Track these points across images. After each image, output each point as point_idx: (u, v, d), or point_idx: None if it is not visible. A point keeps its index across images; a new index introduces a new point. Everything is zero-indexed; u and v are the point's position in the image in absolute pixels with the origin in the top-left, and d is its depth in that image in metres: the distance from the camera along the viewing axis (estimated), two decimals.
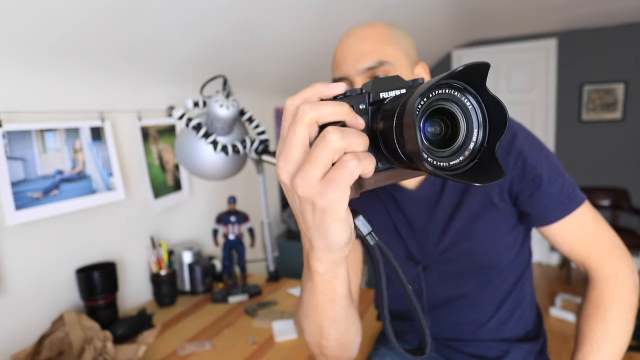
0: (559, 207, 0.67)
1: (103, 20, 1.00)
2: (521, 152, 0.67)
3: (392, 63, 0.65)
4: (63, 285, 1.11)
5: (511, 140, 0.68)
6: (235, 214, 1.34)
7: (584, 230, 0.68)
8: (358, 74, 0.65)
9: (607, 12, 2.71)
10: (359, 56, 0.64)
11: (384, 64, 0.64)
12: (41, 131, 1.01)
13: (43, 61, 1.02)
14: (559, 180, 0.68)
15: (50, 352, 0.90)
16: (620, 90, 3.11)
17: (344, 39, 0.68)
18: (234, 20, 1.34)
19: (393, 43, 0.66)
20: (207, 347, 1.02)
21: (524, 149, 0.67)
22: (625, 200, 3.14)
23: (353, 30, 0.68)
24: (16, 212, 0.94)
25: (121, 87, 1.27)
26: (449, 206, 0.72)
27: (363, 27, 0.68)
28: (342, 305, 0.47)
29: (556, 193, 0.67)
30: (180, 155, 1.15)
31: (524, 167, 0.67)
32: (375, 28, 0.67)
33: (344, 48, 0.67)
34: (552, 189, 0.67)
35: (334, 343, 0.52)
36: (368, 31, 0.67)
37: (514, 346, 0.78)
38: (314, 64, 2.11)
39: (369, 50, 0.64)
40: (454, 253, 0.74)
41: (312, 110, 0.31)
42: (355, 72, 0.65)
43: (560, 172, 0.69)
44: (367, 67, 0.64)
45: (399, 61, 0.66)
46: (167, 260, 1.30)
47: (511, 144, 0.68)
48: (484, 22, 2.82)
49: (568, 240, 0.68)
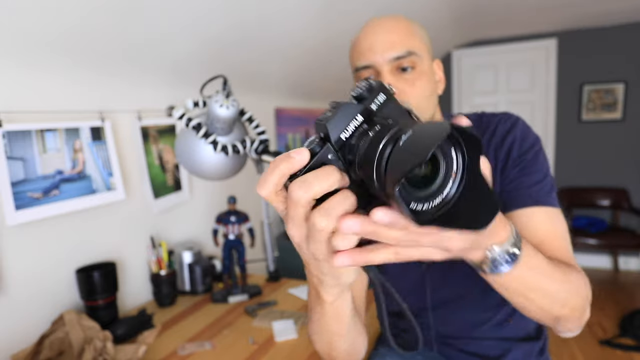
0: (530, 195, 0.65)
1: (103, 20, 1.00)
2: (513, 142, 0.68)
3: (419, 54, 0.66)
4: (63, 285, 1.11)
5: (507, 132, 0.70)
6: (235, 214, 1.34)
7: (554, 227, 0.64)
8: (386, 63, 0.65)
9: (607, 12, 2.71)
10: (387, 45, 0.65)
11: (412, 54, 0.65)
12: (41, 131, 1.01)
13: (43, 61, 1.02)
14: (539, 175, 0.67)
15: (50, 352, 0.90)
16: (620, 90, 3.11)
17: (370, 29, 0.68)
18: (234, 20, 1.34)
19: (417, 36, 0.68)
20: (207, 347, 1.02)
21: (518, 140, 0.68)
22: (625, 200, 3.14)
23: (378, 21, 0.68)
24: (16, 212, 0.94)
25: (121, 87, 1.27)
26: None
27: (388, 18, 0.69)
28: (348, 322, 0.51)
29: (532, 184, 0.66)
30: (180, 155, 1.15)
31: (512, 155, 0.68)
32: (400, 20, 0.68)
33: (370, 37, 0.66)
34: (530, 179, 0.66)
35: (343, 354, 0.57)
36: (394, 22, 0.67)
37: (515, 345, 0.78)
38: (314, 63, 2.10)
39: (397, 40, 0.65)
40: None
41: (306, 193, 0.32)
42: (383, 60, 0.65)
43: (543, 170, 0.68)
44: (395, 57, 0.65)
45: (423, 53, 0.68)
46: (167, 260, 1.30)
47: (507, 135, 0.69)
48: (484, 22, 2.82)
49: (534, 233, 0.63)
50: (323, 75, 2.32)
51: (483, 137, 0.72)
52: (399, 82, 0.66)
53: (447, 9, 2.27)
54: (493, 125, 0.72)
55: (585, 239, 2.97)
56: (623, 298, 2.75)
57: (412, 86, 0.66)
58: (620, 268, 3.25)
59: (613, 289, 2.90)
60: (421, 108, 0.67)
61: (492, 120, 0.73)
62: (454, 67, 3.55)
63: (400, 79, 0.66)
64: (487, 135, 0.72)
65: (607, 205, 3.19)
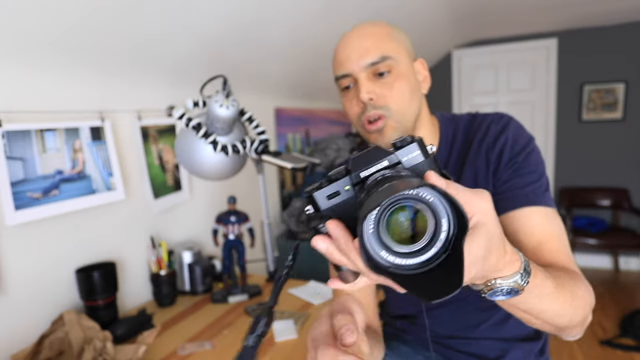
0: (524, 196, 0.65)
1: (103, 20, 1.00)
2: (505, 143, 0.68)
3: (394, 58, 0.66)
4: (63, 286, 1.11)
5: (500, 132, 0.69)
6: (235, 214, 1.34)
7: (552, 227, 0.64)
8: (362, 70, 0.66)
9: (607, 11, 2.71)
10: (361, 52, 0.65)
11: (387, 59, 0.65)
12: (41, 131, 1.01)
13: (43, 61, 1.02)
14: (534, 176, 0.67)
15: (50, 352, 0.90)
16: (621, 89, 3.11)
17: (346, 38, 0.69)
18: (234, 20, 1.34)
19: (394, 39, 0.68)
20: (207, 347, 1.02)
21: (510, 141, 0.68)
22: (625, 200, 3.14)
23: (353, 30, 0.69)
24: (16, 212, 0.94)
25: (121, 87, 1.27)
26: None
27: (364, 25, 0.69)
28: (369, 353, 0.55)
29: (526, 184, 0.66)
30: (180, 155, 1.15)
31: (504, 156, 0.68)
32: (375, 25, 0.68)
33: (346, 46, 0.67)
34: (524, 180, 0.66)
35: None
36: (369, 29, 0.68)
37: (514, 346, 0.77)
38: (314, 63, 2.10)
39: (371, 46, 0.65)
40: None
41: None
42: (359, 68, 0.66)
43: (537, 171, 0.68)
44: (370, 63, 0.65)
45: (400, 56, 0.67)
46: (167, 260, 1.30)
47: (499, 135, 0.69)
48: (484, 21, 2.82)
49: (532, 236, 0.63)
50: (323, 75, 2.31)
51: (475, 137, 0.72)
52: (376, 87, 0.66)
53: (447, 9, 2.27)
54: (485, 126, 0.72)
55: (586, 239, 2.96)
56: (623, 298, 2.74)
57: (391, 89, 0.66)
58: (621, 268, 3.24)
59: (613, 289, 2.90)
60: (402, 110, 0.67)
61: (484, 120, 0.73)
62: (454, 67, 3.55)
63: (377, 83, 0.66)
64: (479, 135, 0.72)
65: (607, 205, 3.19)
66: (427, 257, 0.29)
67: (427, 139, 0.74)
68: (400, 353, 0.88)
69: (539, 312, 0.47)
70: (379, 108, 0.66)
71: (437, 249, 0.29)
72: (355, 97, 0.68)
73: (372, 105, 0.66)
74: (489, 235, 0.32)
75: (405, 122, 0.68)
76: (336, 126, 3.03)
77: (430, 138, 0.75)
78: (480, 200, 0.33)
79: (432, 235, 0.29)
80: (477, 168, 0.70)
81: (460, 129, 0.75)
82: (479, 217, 0.32)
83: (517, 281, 0.39)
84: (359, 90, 0.66)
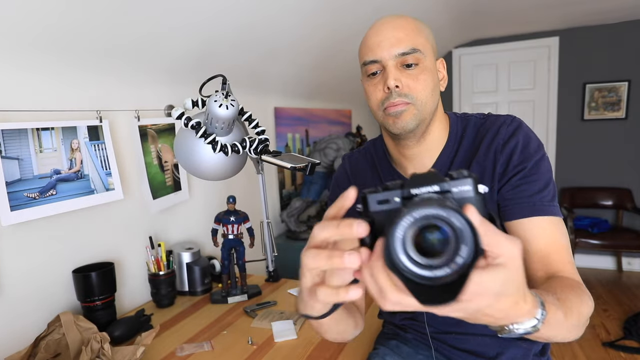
0: (530, 205, 0.67)
1: (102, 19, 0.99)
2: (515, 148, 0.69)
3: (423, 52, 0.70)
4: (59, 286, 1.10)
5: (510, 136, 0.71)
6: (234, 213, 1.33)
7: (557, 242, 0.66)
8: (391, 58, 0.69)
9: (609, 9, 2.69)
10: (393, 42, 0.69)
11: (416, 51, 0.69)
12: (37, 130, 1.00)
13: (39, 59, 1.01)
14: (540, 184, 0.68)
15: (46, 354, 0.89)
16: (624, 88, 3.09)
17: (378, 25, 0.72)
18: (233, 19, 1.34)
19: (423, 35, 0.72)
20: (206, 348, 1.01)
21: (520, 146, 0.70)
22: (628, 200, 3.12)
23: (386, 19, 0.72)
24: (11, 212, 0.93)
25: (119, 86, 1.26)
26: None
27: (395, 17, 0.73)
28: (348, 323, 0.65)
29: (534, 193, 0.68)
30: (180, 155, 1.14)
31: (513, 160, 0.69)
32: (408, 19, 0.72)
33: (378, 33, 0.71)
34: (531, 187, 0.68)
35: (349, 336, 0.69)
36: (401, 21, 0.71)
37: (513, 344, 0.77)
38: (314, 62, 2.10)
39: (404, 37, 0.69)
40: None
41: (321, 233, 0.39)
42: (389, 56, 0.69)
43: (545, 179, 0.69)
44: (400, 53, 0.69)
45: (427, 52, 0.71)
46: (166, 261, 1.29)
47: (509, 139, 0.70)
48: (485, 20, 2.81)
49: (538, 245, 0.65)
50: (323, 75, 2.31)
51: (485, 137, 0.73)
52: (403, 76, 0.69)
53: (447, 7, 2.26)
54: (496, 127, 0.73)
55: (588, 239, 2.95)
56: (626, 299, 2.72)
57: (416, 81, 0.69)
58: (624, 269, 3.23)
59: (616, 290, 2.88)
60: (424, 101, 0.70)
61: (496, 122, 0.74)
62: (454, 65, 3.54)
63: (404, 73, 0.70)
64: (489, 136, 0.73)
65: (610, 205, 3.17)
66: (438, 275, 0.32)
67: (439, 133, 0.77)
68: (400, 353, 0.87)
69: (547, 338, 0.48)
70: (403, 96, 0.69)
71: (449, 270, 0.31)
72: (380, 83, 0.71)
73: (397, 93, 0.69)
74: (508, 278, 0.34)
75: (425, 113, 0.71)
76: (336, 126, 3.02)
77: (441, 133, 0.77)
78: (511, 245, 0.34)
79: (450, 257, 0.31)
80: (484, 167, 0.72)
81: (470, 126, 0.77)
82: (504, 259, 0.34)
83: (534, 325, 0.41)
84: (386, 77, 0.69)
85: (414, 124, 0.70)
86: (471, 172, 0.38)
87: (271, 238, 1.41)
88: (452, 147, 0.76)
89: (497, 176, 0.70)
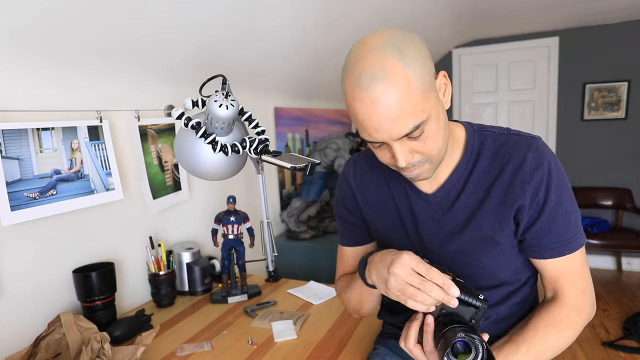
0: (556, 248, 0.70)
1: (101, 18, 0.99)
2: (542, 181, 0.67)
3: (425, 118, 0.60)
4: (60, 286, 1.10)
5: (537, 166, 0.68)
6: (234, 213, 1.33)
7: (570, 267, 0.72)
8: (394, 139, 0.62)
9: (609, 9, 2.69)
10: (392, 128, 0.60)
11: (420, 125, 0.60)
12: (37, 130, 1.00)
13: (40, 59, 1.01)
14: (566, 220, 0.69)
15: (46, 354, 0.89)
16: (624, 88, 3.09)
17: (367, 102, 0.58)
18: (233, 19, 1.34)
19: (418, 91, 0.58)
20: (206, 348, 1.01)
21: (546, 179, 0.68)
22: (628, 200, 3.12)
23: (373, 94, 0.57)
24: (12, 212, 0.93)
25: (119, 86, 1.26)
26: (459, 219, 0.73)
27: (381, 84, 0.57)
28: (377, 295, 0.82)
29: (560, 232, 0.69)
30: (180, 155, 1.14)
31: (539, 195, 0.68)
32: (395, 82, 0.57)
33: (370, 115, 0.59)
34: (557, 227, 0.69)
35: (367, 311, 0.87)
36: (390, 91, 0.57)
37: None
38: (314, 62, 2.09)
39: (399, 119, 0.59)
40: (455, 261, 0.76)
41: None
42: (390, 139, 0.61)
43: (570, 213, 0.70)
44: (403, 135, 0.61)
45: (429, 108, 0.61)
46: (166, 261, 1.29)
47: (536, 170, 0.68)
48: (484, 20, 2.81)
49: (552, 271, 0.73)
50: (322, 75, 2.31)
51: (509, 162, 0.69)
52: (411, 147, 0.63)
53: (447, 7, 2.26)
54: (521, 153, 0.69)
55: (588, 239, 2.95)
56: (626, 299, 2.73)
57: (425, 146, 0.63)
58: (624, 268, 3.23)
59: (616, 290, 2.88)
60: (437, 155, 0.66)
61: (519, 144, 0.70)
62: (454, 66, 3.54)
63: (412, 143, 0.63)
64: (514, 162, 0.69)
65: (609, 205, 3.17)
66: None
67: (450, 148, 0.72)
68: (400, 353, 0.88)
69: None
70: (416, 162, 0.65)
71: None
72: (387, 150, 0.65)
73: (410, 164, 0.65)
74: None
75: (440, 159, 0.68)
76: (336, 126, 3.02)
77: (454, 146, 0.73)
78: None
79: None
80: (505, 194, 0.69)
81: (489, 142, 0.72)
82: None
83: None
84: (394, 153, 0.63)
85: (431, 174, 0.68)
86: (483, 340, 0.60)
87: (271, 238, 1.41)
88: (467, 164, 0.73)
89: (523, 209, 0.68)
